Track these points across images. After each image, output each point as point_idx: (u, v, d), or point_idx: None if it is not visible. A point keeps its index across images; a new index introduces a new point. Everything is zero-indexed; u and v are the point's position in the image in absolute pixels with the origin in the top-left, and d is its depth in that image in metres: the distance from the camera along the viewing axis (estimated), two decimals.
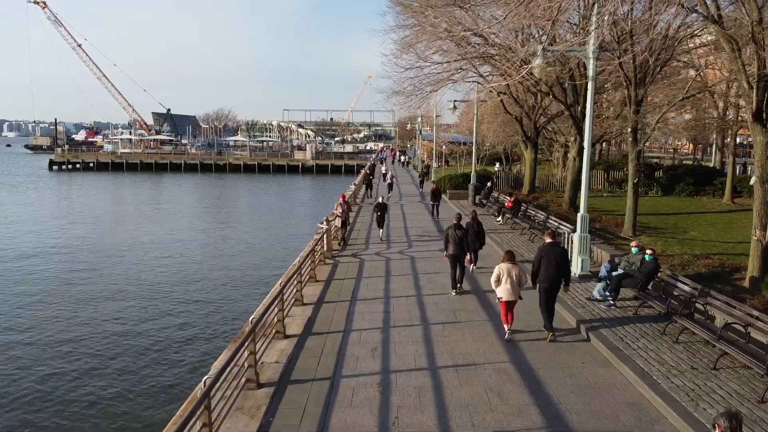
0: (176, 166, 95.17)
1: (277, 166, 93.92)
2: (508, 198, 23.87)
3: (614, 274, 12.13)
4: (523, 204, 23.23)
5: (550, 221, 18.87)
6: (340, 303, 12.69)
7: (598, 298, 12.20)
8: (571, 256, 15.79)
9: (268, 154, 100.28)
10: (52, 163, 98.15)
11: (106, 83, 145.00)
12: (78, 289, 23.38)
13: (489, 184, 29.54)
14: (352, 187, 32.25)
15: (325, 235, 17.58)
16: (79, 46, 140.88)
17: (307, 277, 14.38)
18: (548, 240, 10.76)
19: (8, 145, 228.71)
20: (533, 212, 21.74)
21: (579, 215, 14.42)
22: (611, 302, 11.86)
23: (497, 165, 54.68)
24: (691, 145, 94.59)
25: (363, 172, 41.09)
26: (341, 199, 20.26)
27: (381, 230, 20.22)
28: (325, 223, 17.78)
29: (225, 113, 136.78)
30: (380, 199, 20.58)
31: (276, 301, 10.42)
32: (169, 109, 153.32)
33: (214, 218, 45.06)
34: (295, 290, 12.49)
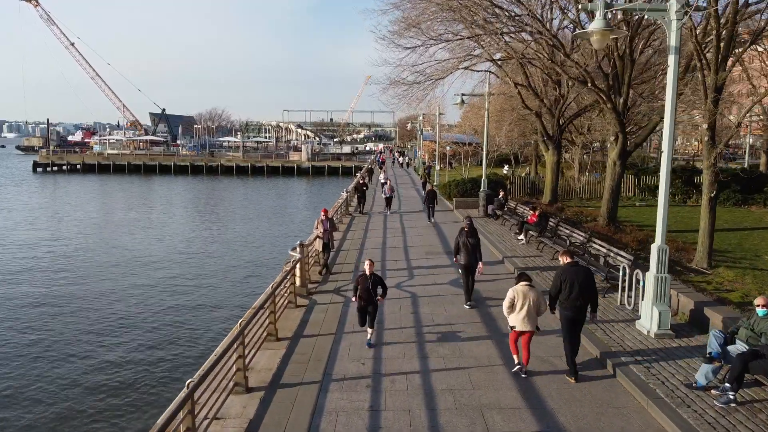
0: (165, 167, 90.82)
1: (271, 167, 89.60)
2: (531, 211, 19.44)
3: (731, 349, 7.75)
4: (551, 218, 18.83)
5: (595, 246, 14.42)
6: (305, 387, 8.31)
7: (705, 386, 7.81)
8: (630, 300, 11.44)
9: (262, 156, 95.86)
10: (36, 164, 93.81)
11: (99, 83, 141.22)
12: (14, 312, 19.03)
13: (502, 192, 25.06)
14: (344, 194, 27.76)
15: (297, 267, 13.21)
16: (72, 44, 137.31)
17: (264, 334, 10.01)
18: (567, 260, 8.93)
19: (2, 146, 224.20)
20: (567, 230, 17.28)
21: (655, 247, 10.01)
22: (731, 397, 7.45)
23: (506, 167, 50.27)
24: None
25: (356, 179, 35.67)
26: (323, 214, 15.78)
27: (370, 331, 10.03)
28: (298, 249, 13.38)
29: (218, 113, 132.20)
30: (366, 267, 10.02)
31: (183, 412, 6.09)
32: (164, 109, 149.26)
33: (195, 229, 40.68)
34: (234, 368, 8.14)
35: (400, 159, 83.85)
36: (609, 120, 18.35)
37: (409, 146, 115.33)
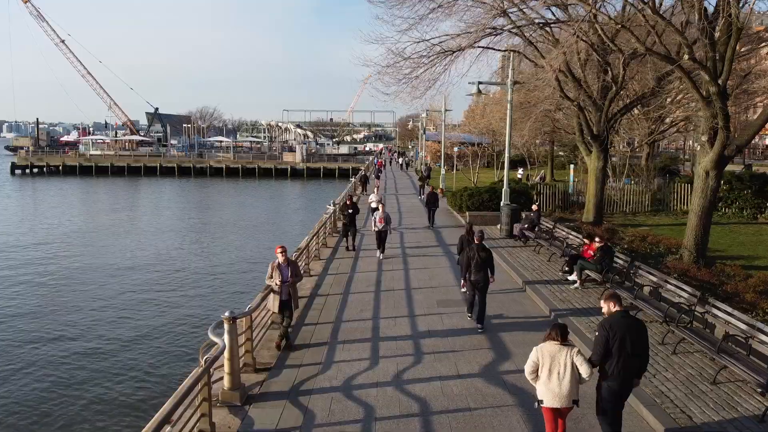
0: (151, 169, 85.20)
1: (263, 169, 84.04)
2: (586, 240, 13.82)
3: None
4: (619, 253, 13.22)
5: (720, 316, 8.82)
6: None
7: None
8: None
9: (254, 156, 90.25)
10: (14, 166, 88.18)
11: (90, 80, 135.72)
12: None
13: (535, 207, 19.40)
14: (330, 208, 22.09)
15: (225, 358, 7.64)
16: (62, 42, 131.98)
17: None
18: (614, 308, 6.18)
19: None
20: (652, 276, 11.63)
21: None
22: None
23: (520, 171, 44.78)
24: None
25: (345, 193, 27.22)
26: (279, 255, 10.06)
27: None
28: (226, 327, 7.70)
29: (209, 111, 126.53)
30: None
31: None
32: (156, 108, 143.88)
33: (162, 245, 35.13)
34: None
35: (400, 160, 78.88)
36: (704, 112, 12.72)
37: (410, 146, 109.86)
